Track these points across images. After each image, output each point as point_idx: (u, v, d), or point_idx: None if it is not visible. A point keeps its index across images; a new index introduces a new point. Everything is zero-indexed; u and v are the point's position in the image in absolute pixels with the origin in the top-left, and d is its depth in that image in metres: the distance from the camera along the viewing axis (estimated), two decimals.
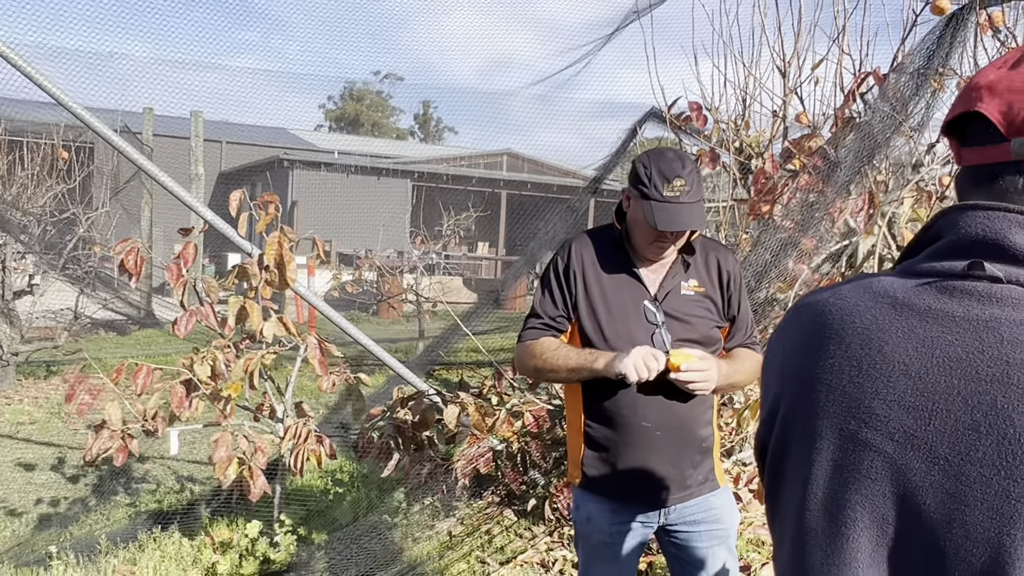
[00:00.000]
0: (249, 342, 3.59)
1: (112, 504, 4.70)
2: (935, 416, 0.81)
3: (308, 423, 3.55)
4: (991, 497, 0.76)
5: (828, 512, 0.88)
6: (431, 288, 10.73)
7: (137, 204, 13.23)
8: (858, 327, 0.89)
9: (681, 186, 2.12)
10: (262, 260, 3.43)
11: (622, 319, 2.24)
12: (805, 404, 0.93)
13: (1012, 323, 0.78)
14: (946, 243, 0.88)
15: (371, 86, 51.60)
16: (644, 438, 2.22)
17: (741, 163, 5.03)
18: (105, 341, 10.88)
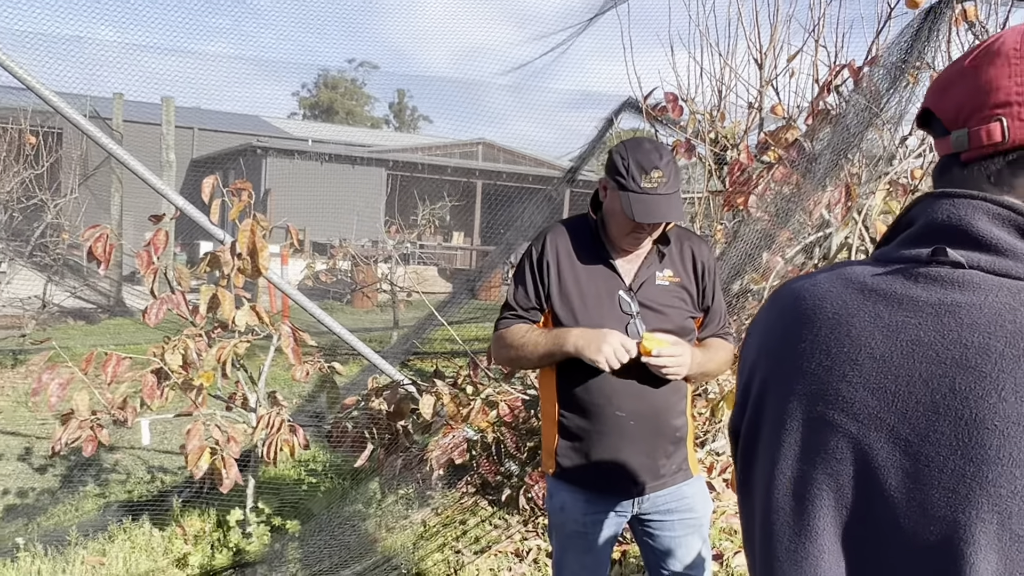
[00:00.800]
0: (221, 331, 3.55)
1: (81, 495, 4.64)
2: (898, 398, 0.82)
3: (281, 413, 3.52)
4: (947, 477, 0.77)
5: (795, 493, 0.90)
6: (406, 278, 10.69)
7: (107, 191, 13.02)
8: (828, 312, 0.91)
9: (659, 177, 2.11)
10: (234, 248, 3.38)
11: (597, 309, 2.23)
12: (777, 388, 0.95)
13: (971, 307, 0.80)
14: (916, 230, 0.90)
15: (345, 74, 51.24)
16: (618, 428, 2.22)
17: (716, 154, 5.05)
18: (74, 330, 10.72)
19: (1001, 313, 0.78)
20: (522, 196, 13.64)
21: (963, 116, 0.86)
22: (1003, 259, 0.81)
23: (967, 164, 0.87)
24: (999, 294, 0.79)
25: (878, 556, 0.83)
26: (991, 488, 0.74)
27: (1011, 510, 0.73)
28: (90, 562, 3.73)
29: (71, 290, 9.33)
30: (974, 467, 0.75)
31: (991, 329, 0.78)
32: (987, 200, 0.84)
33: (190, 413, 3.41)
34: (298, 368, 3.64)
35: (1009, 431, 0.74)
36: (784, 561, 0.91)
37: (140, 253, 3.38)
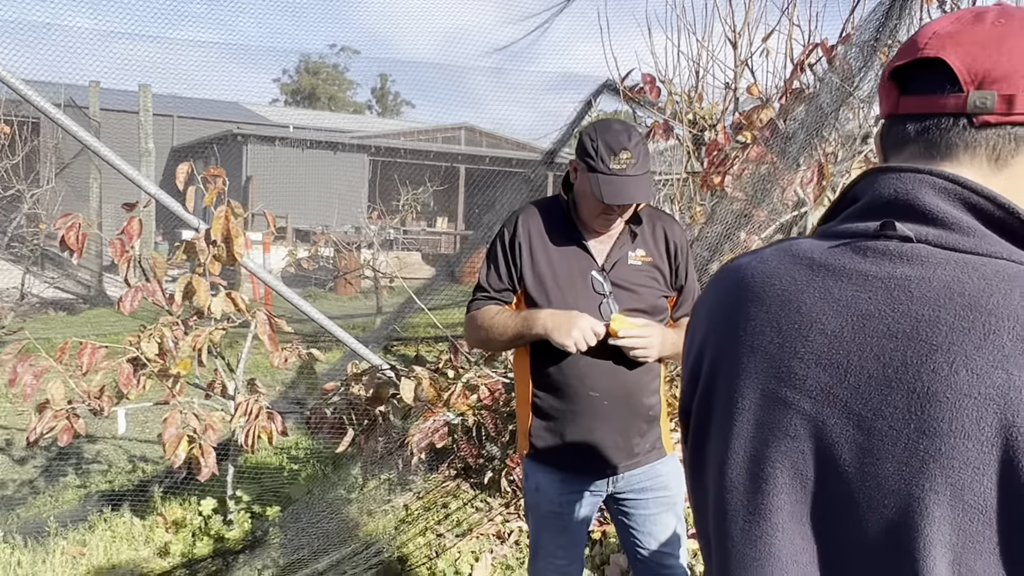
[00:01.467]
0: (198, 319, 3.53)
1: (61, 486, 4.62)
2: (850, 373, 0.82)
3: (259, 400, 3.51)
4: (901, 450, 0.77)
5: (750, 471, 0.90)
6: (388, 264, 10.66)
7: (85, 181, 12.90)
8: (777, 289, 0.91)
9: (628, 159, 2.10)
10: (209, 235, 3.36)
11: (570, 290, 2.24)
12: (728, 366, 0.95)
13: (921, 280, 0.80)
14: (862, 205, 0.89)
15: (327, 59, 50.87)
16: (592, 408, 2.23)
17: (694, 135, 5.05)
18: (54, 320, 10.63)
19: (950, 286, 0.78)
20: (505, 180, 13.61)
21: (992, 77, 0.83)
22: (950, 233, 0.81)
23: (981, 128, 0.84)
24: (947, 267, 0.80)
25: (834, 532, 0.83)
26: (943, 460, 0.74)
27: (963, 482, 0.73)
28: (70, 552, 3.72)
29: (50, 281, 9.24)
30: (927, 440, 0.76)
31: (941, 302, 0.78)
32: (933, 174, 0.84)
33: (167, 402, 3.40)
34: (275, 355, 3.63)
35: (960, 403, 0.74)
36: (739, 541, 0.91)
37: (113, 241, 3.35)
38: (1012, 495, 0.72)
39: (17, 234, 8.69)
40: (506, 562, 3.70)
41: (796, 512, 0.86)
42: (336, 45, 24.54)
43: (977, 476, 0.73)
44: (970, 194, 0.82)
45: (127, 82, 12.68)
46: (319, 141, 20.02)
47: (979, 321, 0.75)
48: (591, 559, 3.73)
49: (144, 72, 12.21)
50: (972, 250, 0.80)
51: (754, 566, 0.88)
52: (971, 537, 0.73)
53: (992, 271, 0.78)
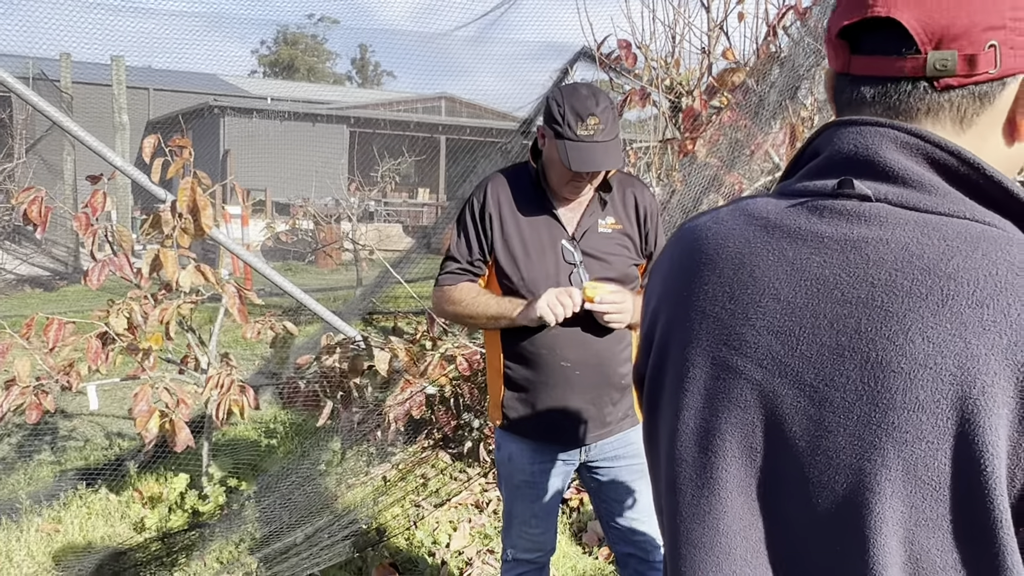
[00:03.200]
0: (167, 292, 3.48)
1: (36, 463, 4.58)
2: (802, 341, 0.78)
3: (232, 373, 3.47)
4: (853, 423, 0.74)
5: (699, 443, 0.87)
6: (368, 236, 10.59)
7: (59, 156, 12.72)
8: (731, 251, 0.87)
9: (595, 124, 2.06)
10: (175, 207, 3.31)
11: (540, 259, 2.21)
12: (680, 332, 0.91)
13: (878, 242, 0.76)
14: (820, 161, 0.84)
15: (305, 30, 50.08)
16: (563, 377, 2.22)
17: (672, 102, 5.00)
18: (32, 298, 10.53)
19: (908, 248, 0.74)
20: (486, 150, 13.51)
21: (949, 36, 0.77)
22: (911, 191, 0.77)
23: (943, 91, 0.79)
24: (906, 228, 0.75)
25: (783, 507, 0.81)
26: (896, 433, 0.71)
27: (916, 456, 0.70)
28: (45, 529, 3.70)
29: (23, 257, 9.13)
30: (880, 412, 0.72)
31: (898, 265, 0.74)
32: (895, 128, 0.79)
33: (136, 377, 3.36)
34: (247, 327, 3.60)
35: (915, 373, 0.71)
36: (687, 516, 0.88)
37: (78, 215, 3.29)
38: (966, 471, 0.69)
39: None
40: (484, 531, 3.71)
41: (745, 486, 0.83)
42: (315, 15, 24.18)
43: (931, 451, 0.70)
44: (934, 149, 0.77)
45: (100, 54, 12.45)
46: (297, 113, 19.79)
47: (937, 285, 0.71)
48: (569, 526, 3.74)
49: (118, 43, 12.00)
50: (934, 209, 0.76)
51: (701, 542, 0.86)
52: (923, 513, 0.71)
53: (954, 232, 0.73)
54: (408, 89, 29.16)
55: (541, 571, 2.50)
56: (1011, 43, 0.76)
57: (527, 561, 2.45)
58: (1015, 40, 0.76)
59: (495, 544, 3.58)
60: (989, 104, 0.79)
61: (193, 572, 3.37)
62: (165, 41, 13.53)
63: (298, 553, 3.40)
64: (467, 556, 3.52)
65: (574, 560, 3.48)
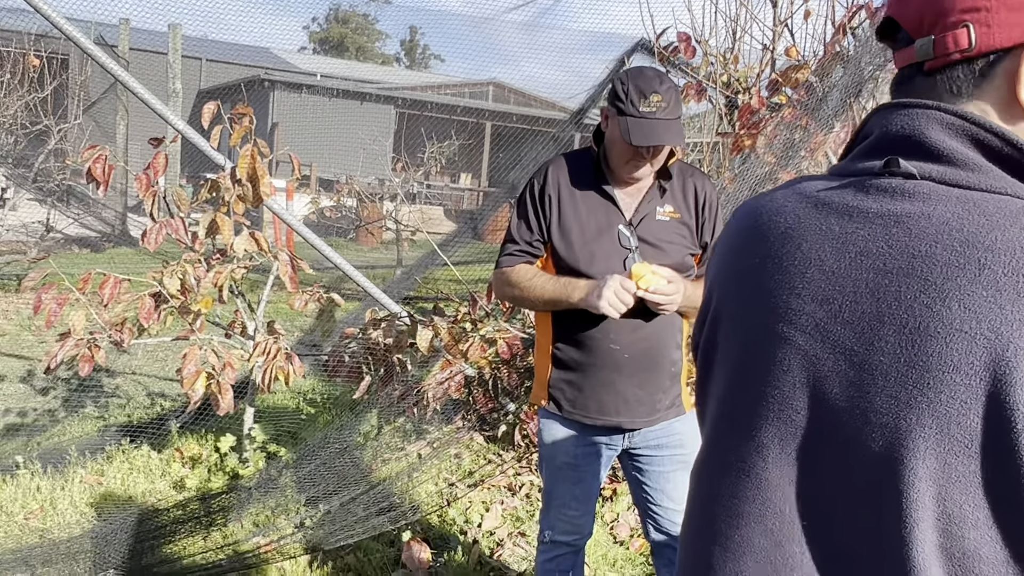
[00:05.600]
0: (220, 257, 3.53)
1: (81, 416, 4.69)
2: (844, 309, 0.83)
3: (279, 341, 3.52)
4: (890, 385, 0.78)
5: (743, 404, 0.92)
6: (410, 216, 10.65)
7: (112, 119, 12.92)
8: (781, 226, 0.92)
9: (658, 101, 2.07)
10: (234, 173, 3.35)
11: (596, 243, 2.21)
12: (732, 302, 0.97)
13: (920, 216, 0.80)
14: (871, 142, 0.89)
15: (357, 8, 50.39)
16: (612, 360, 2.22)
17: (728, 98, 4.96)
18: (79, 257, 10.73)
19: (949, 222, 0.78)
20: (532, 138, 13.49)
21: (928, 22, 0.84)
22: (955, 169, 0.80)
23: (930, 74, 0.85)
24: (948, 204, 0.79)
25: (822, 466, 0.84)
26: (931, 394, 0.74)
27: (950, 415, 0.73)
28: (88, 481, 3.79)
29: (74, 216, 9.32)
30: (916, 374, 0.76)
31: (938, 238, 0.77)
32: (940, 109, 0.82)
33: (187, 337, 3.42)
34: (297, 296, 3.64)
35: (951, 337, 0.74)
36: (730, 474, 0.93)
37: (139, 176, 3.35)
38: (997, 430, 0.72)
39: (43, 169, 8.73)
40: (516, 514, 3.73)
41: (786, 447, 0.87)
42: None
43: (964, 410, 0.73)
44: (977, 130, 0.80)
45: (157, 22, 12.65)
46: (346, 90, 19.91)
47: (975, 256, 0.75)
48: (600, 516, 3.75)
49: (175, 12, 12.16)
50: (976, 186, 0.79)
51: (742, 497, 0.90)
52: (956, 471, 0.74)
53: (994, 207, 0.77)
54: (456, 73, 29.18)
55: (577, 555, 2.51)
56: (987, 21, 0.80)
57: (564, 544, 2.46)
58: (992, 18, 0.80)
59: (526, 527, 3.60)
60: (984, 79, 0.82)
61: (230, 532, 3.43)
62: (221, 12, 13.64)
63: (332, 521, 3.45)
64: (498, 537, 3.54)
65: (605, 549, 3.48)
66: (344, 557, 3.30)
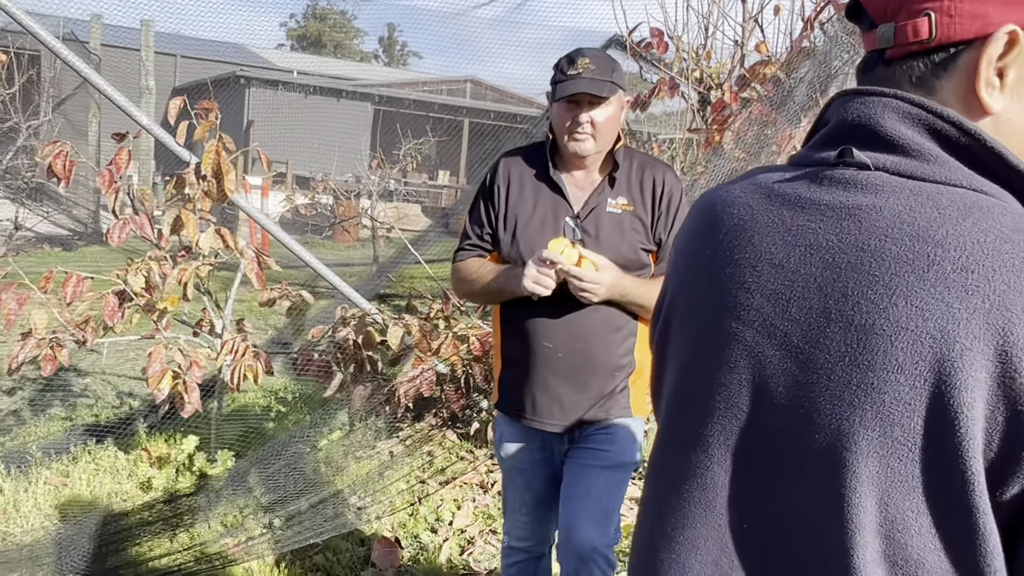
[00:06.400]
0: (186, 254, 3.49)
1: (47, 417, 4.62)
2: (792, 304, 0.80)
3: (246, 339, 3.48)
4: (834, 384, 0.75)
5: (690, 401, 0.90)
6: (386, 214, 10.60)
7: (84, 116, 12.77)
8: (735, 218, 0.89)
9: (586, 64, 2.04)
10: (199, 169, 3.31)
11: (540, 235, 2.14)
12: (684, 295, 0.95)
13: (872, 209, 0.77)
14: (828, 131, 0.86)
15: (335, 5, 50.11)
16: (546, 359, 2.14)
17: (701, 94, 4.96)
18: (49, 256, 10.59)
19: (900, 215, 0.75)
20: (509, 135, 13.46)
21: (892, 8, 0.81)
22: (909, 160, 0.78)
23: (891, 62, 0.82)
24: (901, 196, 0.76)
25: (766, 466, 0.82)
26: (875, 394, 0.72)
27: (893, 417, 0.71)
28: (53, 482, 3.73)
29: (43, 214, 9.19)
30: (860, 373, 0.73)
31: (888, 232, 0.75)
32: (898, 98, 0.80)
33: (152, 337, 3.38)
34: (264, 293, 3.61)
35: (896, 336, 0.71)
36: (675, 472, 0.90)
37: (102, 172, 3.30)
38: (941, 432, 0.69)
39: (12, 167, 8.61)
40: (488, 512, 3.71)
41: (729, 445, 0.85)
42: None
43: (908, 412, 0.71)
44: (935, 119, 0.77)
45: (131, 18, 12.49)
46: (323, 87, 19.79)
47: (924, 251, 0.72)
48: None
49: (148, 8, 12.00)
50: (931, 178, 0.77)
51: (688, 499, 0.88)
52: (899, 475, 0.71)
53: (948, 200, 0.74)
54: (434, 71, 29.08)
55: (539, 560, 2.44)
56: (950, 11, 0.77)
57: (521, 550, 2.40)
58: (956, 7, 0.77)
59: (497, 525, 3.59)
60: (944, 72, 0.79)
61: (197, 534, 3.39)
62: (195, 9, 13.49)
63: (301, 521, 3.41)
64: (469, 535, 3.52)
65: None
66: (313, 557, 3.27)
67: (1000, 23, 0.75)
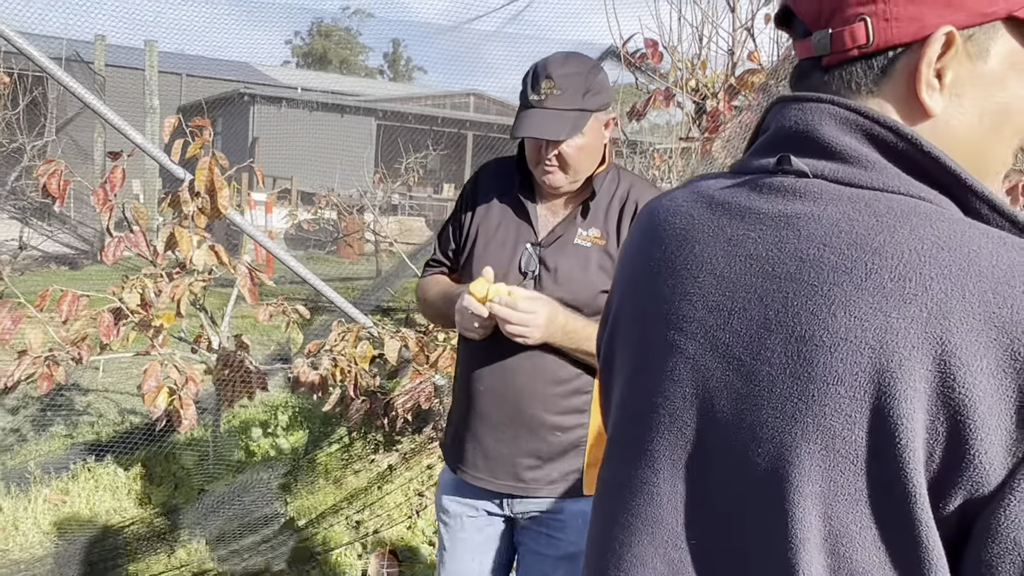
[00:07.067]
0: (181, 271, 3.51)
1: (49, 435, 4.65)
2: (733, 316, 0.79)
3: (241, 354, 3.50)
4: (776, 397, 0.74)
5: (635, 417, 0.88)
6: (389, 227, 10.63)
7: (89, 136, 12.88)
8: (677, 228, 0.88)
9: (549, 88, 1.71)
10: (192, 186, 3.33)
11: (496, 258, 1.86)
12: (628, 308, 0.93)
13: (810, 218, 0.76)
14: (767, 138, 0.85)
15: (339, 22, 50.42)
16: (477, 406, 1.88)
17: (697, 104, 4.98)
18: (56, 275, 10.65)
19: (839, 223, 0.74)
20: (512, 147, 13.49)
21: (825, 15, 0.80)
22: (847, 167, 0.77)
23: (828, 69, 0.81)
24: (839, 204, 0.75)
25: (710, 481, 0.81)
26: (816, 407, 0.71)
27: (835, 429, 0.70)
28: (52, 500, 3.75)
29: (47, 233, 9.26)
30: (801, 385, 0.72)
31: (827, 240, 0.74)
32: (835, 104, 0.78)
33: (147, 353, 3.39)
34: (260, 310, 3.62)
35: (836, 346, 0.70)
36: (622, 488, 0.89)
37: (96, 191, 3.32)
38: (882, 444, 0.68)
39: (17, 187, 8.69)
40: None
41: (676, 461, 0.83)
42: (349, 7, 24.27)
43: (848, 424, 0.69)
44: (872, 125, 0.76)
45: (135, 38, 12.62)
46: (326, 103, 19.92)
47: (862, 259, 0.71)
48: None
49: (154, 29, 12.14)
50: (869, 185, 0.76)
51: (635, 514, 0.86)
52: (842, 488, 0.70)
53: (885, 207, 0.73)
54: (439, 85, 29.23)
55: None
56: (886, 14, 0.76)
57: None
58: (892, 11, 0.76)
59: None
60: (883, 76, 0.79)
61: (195, 548, 3.39)
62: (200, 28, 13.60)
63: (299, 531, 3.42)
64: None
65: None
66: (309, 572, 3.27)
67: (936, 25, 0.75)
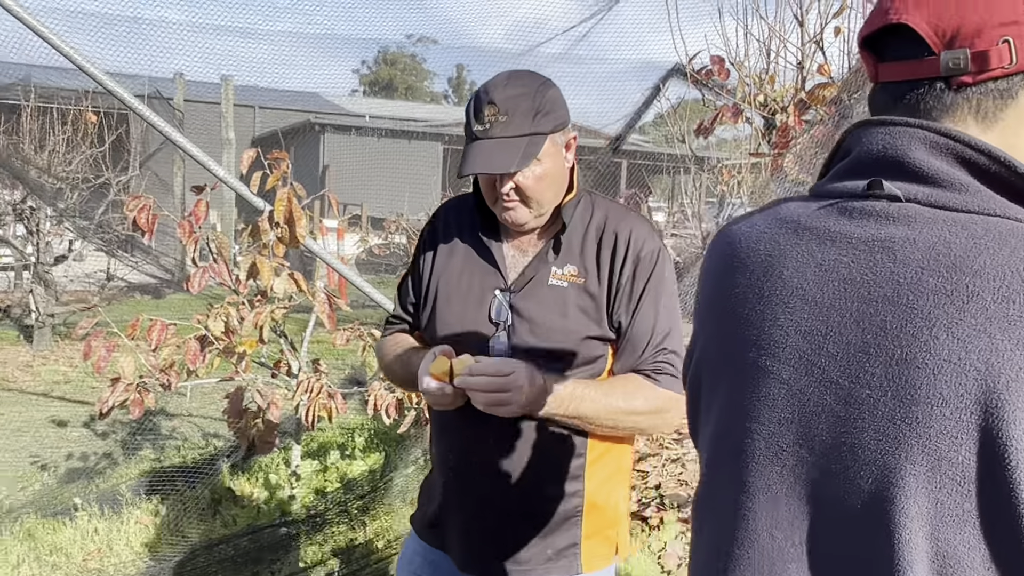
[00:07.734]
0: (263, 299, 3.62)
1: (138, 459, 4.82)
2: (828, 340, 0.79)
3: (321, 378, 3.58)
4: (878, 420, 0.74)
5: (731, 443, 0.88)
6: None
7: (170, 170, 13.41)
8: (761, 254, 0.88)
9: (492, 116, 1.49)
10: (272, 217, 3.44)
11: (460, 313, 1.63)
12: (714, 335, 0.93)
13: (906, 242, 0.76)
14: (849, 162, 0.85)
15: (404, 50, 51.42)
16: (446, 474, 1.68)
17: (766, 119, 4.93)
18: (141, 304, 11.08)
19: (935, 247, 0.74)
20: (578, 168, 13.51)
21: (966, 35, 0.78)
22: (941, 191, 0.77)
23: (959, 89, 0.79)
24: (934, 227, 0.75)
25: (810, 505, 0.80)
26: (920, 429, 0.71)
27: (940, 451, 0.70)
28: (143, 522, 3.89)
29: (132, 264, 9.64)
30: (904, 408, 0.72)
31: (924, 264, 0.74)
32: (924, 128, 0.78)
33: (232, 378, 3.51)
34: (337, 334, 3.71)
35: (940, 368, 0.70)
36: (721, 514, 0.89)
37: (181, 223, 3.47)
38: (990, 465, 0.67)
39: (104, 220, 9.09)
40: None
41: (773, 486, 0.83)
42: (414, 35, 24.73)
43: (955, 445, 0.69)
44: (964, 148, 0.76)
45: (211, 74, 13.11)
46: (394, 130, 20.29)
47: (963, 282, 0.71)
48: (647, 545, 3.70)
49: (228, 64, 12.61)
50: (964, 208, 0.75)
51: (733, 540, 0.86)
52: (949, 510, 0.69)
53: (983, 229, 0.73)
54: None
55: None
56: None
57: None
58: None
59: None
60: (1012, 100, 0.78)
61: (278, 569, 3.47)
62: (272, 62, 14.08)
63: (377, 551, 3.47)
64: None
65: None
66: None
67: None
